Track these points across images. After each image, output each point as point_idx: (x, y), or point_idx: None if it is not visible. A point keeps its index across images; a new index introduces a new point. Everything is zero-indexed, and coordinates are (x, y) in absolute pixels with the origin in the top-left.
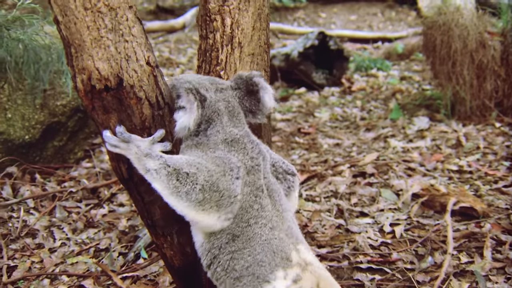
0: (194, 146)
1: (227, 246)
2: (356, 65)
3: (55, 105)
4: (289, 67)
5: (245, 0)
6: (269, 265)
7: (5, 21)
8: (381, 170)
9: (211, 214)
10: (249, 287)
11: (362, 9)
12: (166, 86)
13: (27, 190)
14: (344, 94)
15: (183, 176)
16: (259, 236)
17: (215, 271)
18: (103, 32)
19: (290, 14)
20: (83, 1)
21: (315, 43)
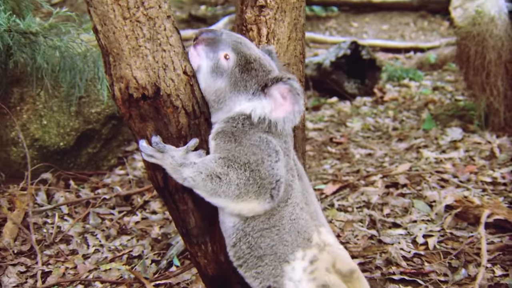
0: (229, 136)
1: (260, 224)
2: (388, 75)
3: (89, 112)
4: (321, 77)
5: (281, 11)
6: (291, 245)
7: (42, 29)
8: (413, 181)
9: (251, 203)
10: (270, 266)
11: (394, 18)
12: (202, 95)
13: (61, 196)
14: (376, 104)
15: (216, 179)
16: (289, 215)
17: (239, 249)
18: (141, 42)
19: (322, 23)
20: (122, 10)
21: (348, 52)
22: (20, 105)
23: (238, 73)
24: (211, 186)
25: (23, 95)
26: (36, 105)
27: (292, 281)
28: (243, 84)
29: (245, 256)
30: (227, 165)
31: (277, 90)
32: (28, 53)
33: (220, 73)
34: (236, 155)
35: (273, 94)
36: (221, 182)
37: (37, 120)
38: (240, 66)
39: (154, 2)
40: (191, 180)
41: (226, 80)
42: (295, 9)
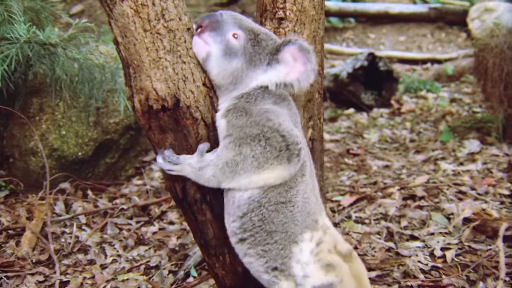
0: (241, 111)
1: (278, 196)
2: (406, 87)
3: (108, 122)
4: (338, 88)
5: (300, 23)
6: (301, 225)
7: (62, 40)
8: (431, 193)
9: (275, 170)
10: (279, 245)
11: (412, 30)
12: None
13: (79, 206)
14: (393, 115)
15: (232, 162)
16: (303, 192)
17: (249, 220)
18: (162, 54)
19: (338, 35)
20: (143, 23)
21: (365, 64)
22: (39, 115)
23: (251, 48)
24: (229, 170)
25: (42, 106)
26: (55, 116)
27: (300, 263)
28: (258, 58)
29: (254, 229)
30: (239, 145)
31: (288, 53)
32: (47, 64)
33: (233, 53)
34: (248, 130)
35: (284, 57)
36: (236, 162)
37: (56, 130)
38: (251, 40)
39: (175, 14)
40: (213, 178)
41: (241, 58)
42: (314, 22)
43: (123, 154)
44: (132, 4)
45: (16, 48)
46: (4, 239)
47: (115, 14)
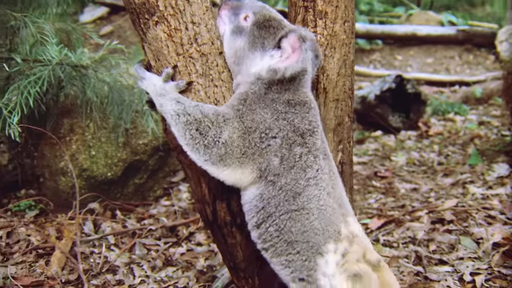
0: (244, 97)
1: (286, 204)
2: (433, 109)
3: (137, 143)
4: (365, 110)
5: (331, 47)
6: (323, 235)
7: (92, 62)
8: (460, 217)
9: (235, 171)
10: (303, 256)
11: (439, 52)
12: None
13: (108, 226)
14: (421, 138)
15: (204, 128)
16: (317, 199)
17: (266, 231)
18: (194, 77)
19: (366, 56)
20: (176, 47)
21: (392, 86)
22: (69, 135)
23: (256, 30)
24: (192, 127)
25: (72, 126)
26: (85, 136)
27: (326, 276)
28: (261, 41)
29: (273, 240)
30: (224, 119)
31: (287, 42)
32: (78, 86)
33: (239, 32)
34: (240, 115)
35: (284, 46)
36: (208, 128)
37: (86, 150)
38: (258, 23)
39: (207, 38)
40: (174, 114)
41: (245, 38)
42: (344, 46)
43: (152, 175)
44: (166, 28)
45: (48, 70)
46: (34, 259)
47: (148, 38)
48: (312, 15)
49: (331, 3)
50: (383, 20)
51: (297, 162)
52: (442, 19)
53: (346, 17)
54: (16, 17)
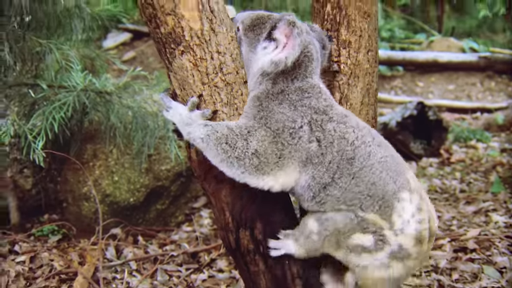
0: (255, 101)
1: (345, 170)
2: (455, 136)
3: (159, 169)
4: (387, 136)
5: (354, 76)
6: (395, 183)
7: (116, 88)
8: (483, 246)
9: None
10: (377, 196)
11: (461, 78)
12: None
13: (130, 252)
14: (443, 165)
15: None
16: (373, 154)
17: (326, 195)
18: (219, 106)
19: (387, 83)
20: (201, 76)
21: (414, 113)
22: (93, 161)
23: (249, 33)
24: (224, 146)
25: (96, 152)
26: (108, 162)
27: (401, 218)
28: (255, 40)
29: (334, 197)
30: (248, 130)
31: (278, 31)
32: (102, 111)
33: (240, 43)
34: (264, 122)
35: (276, 37)
36: (237, 144)
37: (109, 176)
38: (247, 27)
39: (232, 68)
40: (200, 141)
41: (244, 45)
42: (368, 75)
43: (174, 201)
44: (191, 58)
45: (73, 96)
46: (57, 284)
47: (174, 67)
48: (336, 45)
49: (354, 32)
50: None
51: (334, 136)
52: (463, 46)
53: (370, 47)
54: (41, 44)
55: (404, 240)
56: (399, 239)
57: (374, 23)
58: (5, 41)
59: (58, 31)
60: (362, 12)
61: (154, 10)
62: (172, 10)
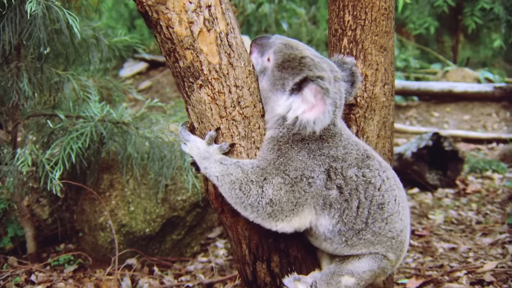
0: (274, 144)
1: (378, 216)
2: (471, 167)
3: (175, 199)
4: (402, 167)
5: (371, 109)
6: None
7: (133, 118)
8: (500, 278)
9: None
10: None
11: (476, 109)
12: None
13: (145, 282)
14: (459, 196)
15: (246, 187)
16: (399, 198)
17: (359, 239)
18: (236, 139)
19: (402, 113)
20: (219, 109)
21: (429, 143)
22: (109, 191)
23: (277, 71)
24: (237, 192)
25: (112, 182)
26: (124, 192)
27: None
28: (281, 83)
29: (366, 240)
30: (264, 177)
31: (308, 89)
32: (119, 142)
33: (263, 73)
34: (282, 169)
35: (305, 93)
36: (251, 191)
37: (125, 206)
38: (277, 64)
39: (250, 101)
40: (216, 179)
41: (267, 79)
42: (384, 108)
43: (189, 231)
44: (209, 92)
45: (90, 127)
46: None
47: (192, 100)
48: None
49: (371, 66)
50: (419, 76)
51: (358, 181)
52: (478, 76)
53: (386, 80)
54: (59, 74)
55: (398, 262)
56: (398, 264)
57: (391, 57)
58: (24, 72)
59: (76, 62)
60: (379, 46)
61: (173, 45)
62: (191, 44)
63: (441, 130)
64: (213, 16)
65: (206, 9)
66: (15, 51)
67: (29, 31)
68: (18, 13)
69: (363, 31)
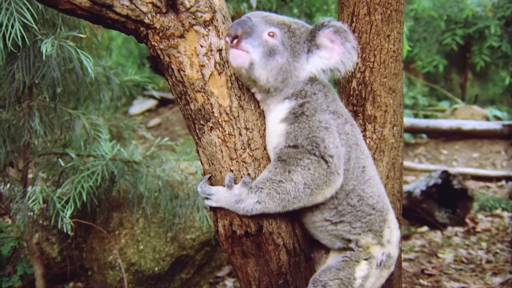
0: (295, 115)
1: (360, 178)
2: (480, 205)
3: (184, 238)
4: (411, 205)
5: (380, 151)
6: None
7: (144, 157)
8: None
9: (326, 191)
10: (380, 213)
11: (485, 146)
12: (303, 233)
13: None
14: (468, 234)
15: (281, 186)
16: (373, 167)
17: (347, 205)
18: None
19: (411, 150)
20: (230, 152)
21: (439, 181)
22: (119, 229)
23: (289, 40)
24: (278, 196)
25: (122, 220)
26: (134, 230)
27: (390, 229)
28: (298, 48)
29: (353, 209)
30: (288, 170)
31: (324, 37)
32: (130, 180)
33: (276, 50)
34: (300, 141)
35: (322, 42)
36: (287, 188)
37: (134, 245)
38: (286, 33)
39: (260, 143)
40: (258, 204)
41: (285, 53)
42: (393, 149)
43: (198, 270)
44: (220, 134)
45: (101, 165)
46: None
47: (203, 142)
48: (362, 119)
49: (380, 108)
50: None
51: (352, 140)
52: (487, 114)
53: (395, 122)
54: (71, 113)
55: (391, 248)
56: (386, 249)
57: (399, 98)
58: (36, 111)
59: (87, 101)
60: (387, 88)
61: (184, 88)
62: (202, 87)
63: (450, 168)
64: (223, 60)
65: (217, 52)
66: (28, 90)
67: (43, 72)
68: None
69: (372, 73)
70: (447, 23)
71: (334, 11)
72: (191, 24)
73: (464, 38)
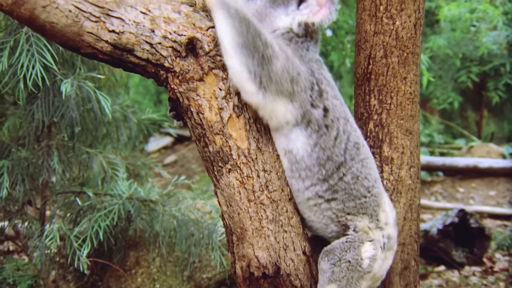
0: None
1: (355, 154)
2: (498, 244)
3: (201, 277)
4: (428, 244)
5: (397, 192)
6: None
7: (160, 196)
8: None
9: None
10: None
11: (502, 184)
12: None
13: None
14: (486, 274)
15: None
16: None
17: (339, 180)
18: (264, 223)
19: (427, 188)
20: (248, 193)
21: (455, 220)
22: (135, 268)
23: None
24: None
25: (138, 259)
26: (150, 269)
27: (385, 212)
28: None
29: (347, 188)
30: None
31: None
32: (147, 219)
33: None
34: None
35: (310, 3)
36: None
37: (151, 284)
38: None
39: (278, 185)
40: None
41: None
42: (410, 191)
43: None
44: (238, 176)
45: (118, 205)
46: None
47: (221, 184)
48: (379, 161)
49: (396, 149)
50: (444, 151)
51: (340, 114)
52: (503, 152)
53: (412, 163)
54: (88, 152)
55: (390, 229)
56: (386, 232)
57: (416, 140)
58: (55, 150)
59: (105, 140)
60: (404, 129)
61: (203, 130)
62: (221, 130)
63: (467, 206)
64: (242, 103)
65: (236, 95)
66: (47, 130)
67: (62, 111)
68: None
69: (388, 115)
70: (462, 61)
71: (350, 50)
72: (210, 68)
73: (480, 75)
